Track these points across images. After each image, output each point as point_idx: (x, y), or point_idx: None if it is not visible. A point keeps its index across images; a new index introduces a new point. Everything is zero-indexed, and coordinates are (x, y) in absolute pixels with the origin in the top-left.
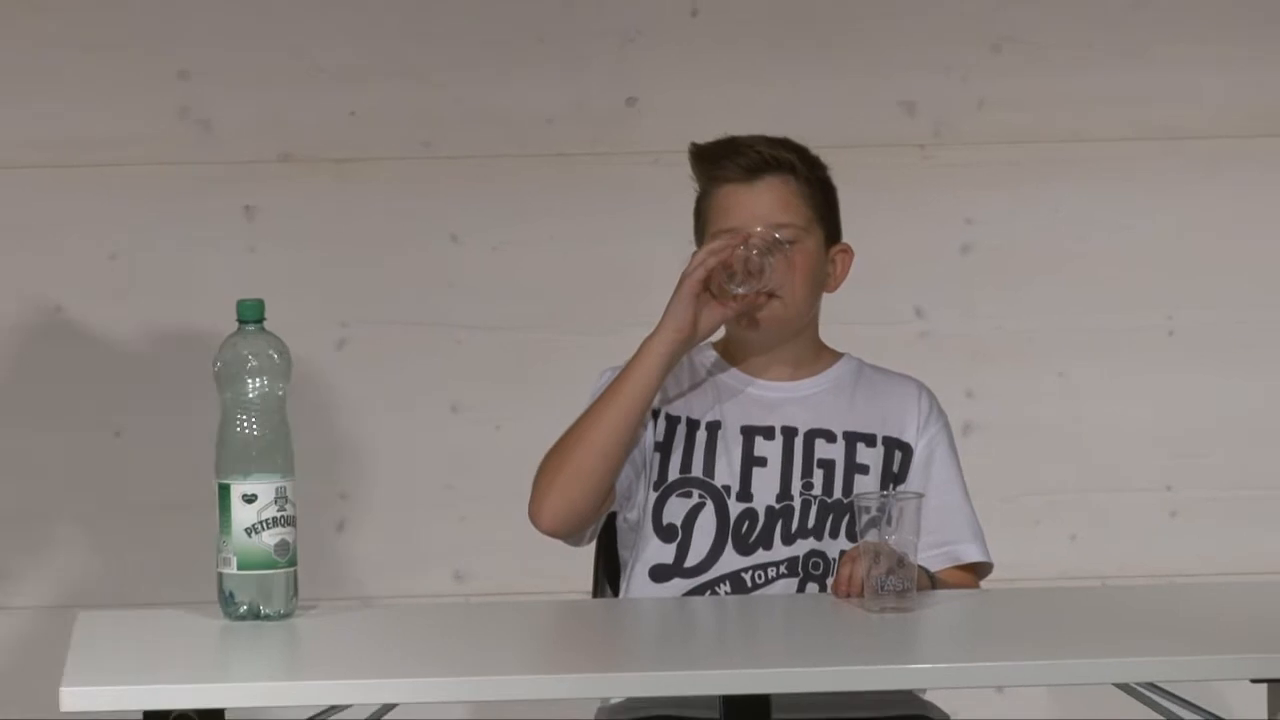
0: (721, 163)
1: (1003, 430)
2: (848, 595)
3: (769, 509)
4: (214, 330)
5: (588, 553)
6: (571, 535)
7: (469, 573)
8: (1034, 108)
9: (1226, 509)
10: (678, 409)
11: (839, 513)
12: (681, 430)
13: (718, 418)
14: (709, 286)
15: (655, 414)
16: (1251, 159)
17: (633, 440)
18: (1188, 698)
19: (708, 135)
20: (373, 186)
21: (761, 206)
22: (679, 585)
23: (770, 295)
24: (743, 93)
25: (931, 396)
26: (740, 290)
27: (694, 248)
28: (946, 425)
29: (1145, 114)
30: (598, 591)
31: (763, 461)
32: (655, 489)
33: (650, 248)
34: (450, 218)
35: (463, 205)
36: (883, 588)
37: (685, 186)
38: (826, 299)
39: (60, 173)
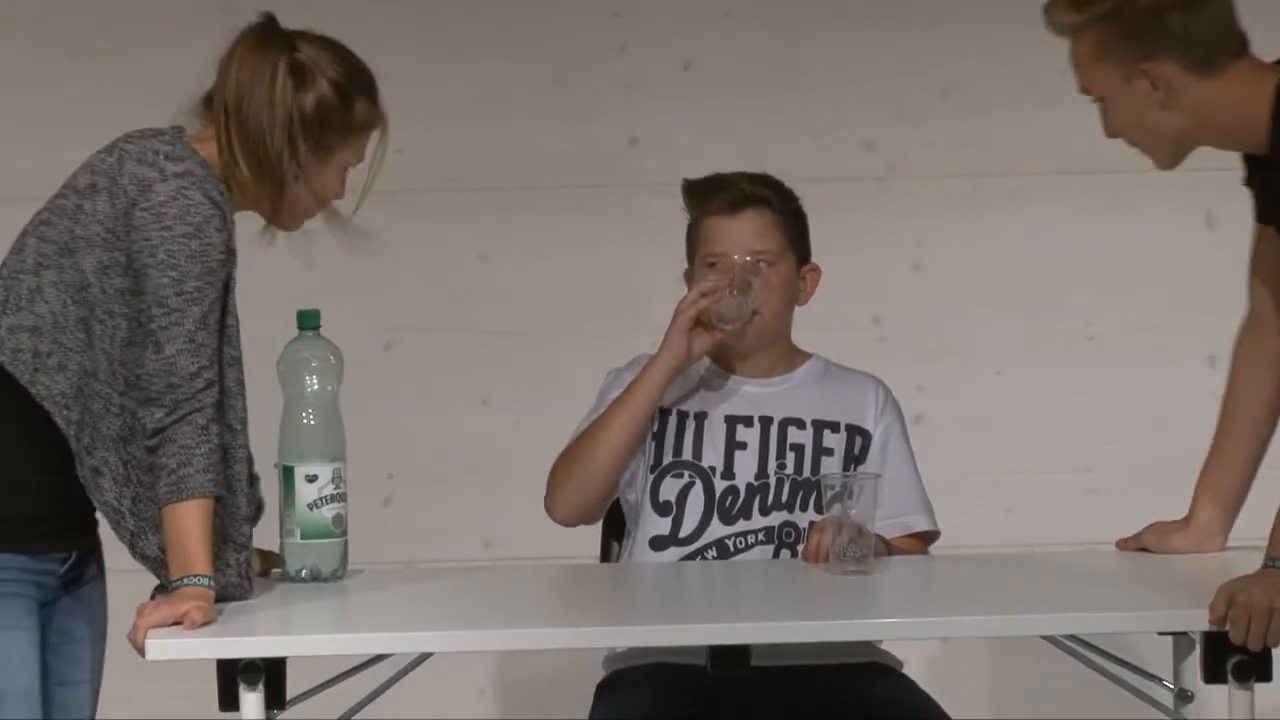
0: (709, 197)
1: (948, 420)
2: (816, 560)
3: (749, 486)
4: (278, 335)
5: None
6: (582, 523)
7: (496, 541)
8: (975, 147)
9: (1137, 488)
10: (670, 404)
11: (808, 489)
12: (674, 421)
13: (704, 409)
14: (699, 319)
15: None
16: (1159, 191)
17: (638, 445)
18: (1105, 648)
19: (698, 171)
20: (415, 214)
21: (743, 235)
22: (674, 553)
23: (753, 313)
24: (728, 134)
25: (887, 391)
26: (728, 328)
27: (685, 265)
28: (900, 415)
29: (1070, 152)
30: (605, 557)
31: (743, 445)
32: (652, 471)
33: (648, 266)
34: (479, 240)
35: (490, 230)
36: (845, 554)
37: (678, 214)
38: (798, 309)
39: None
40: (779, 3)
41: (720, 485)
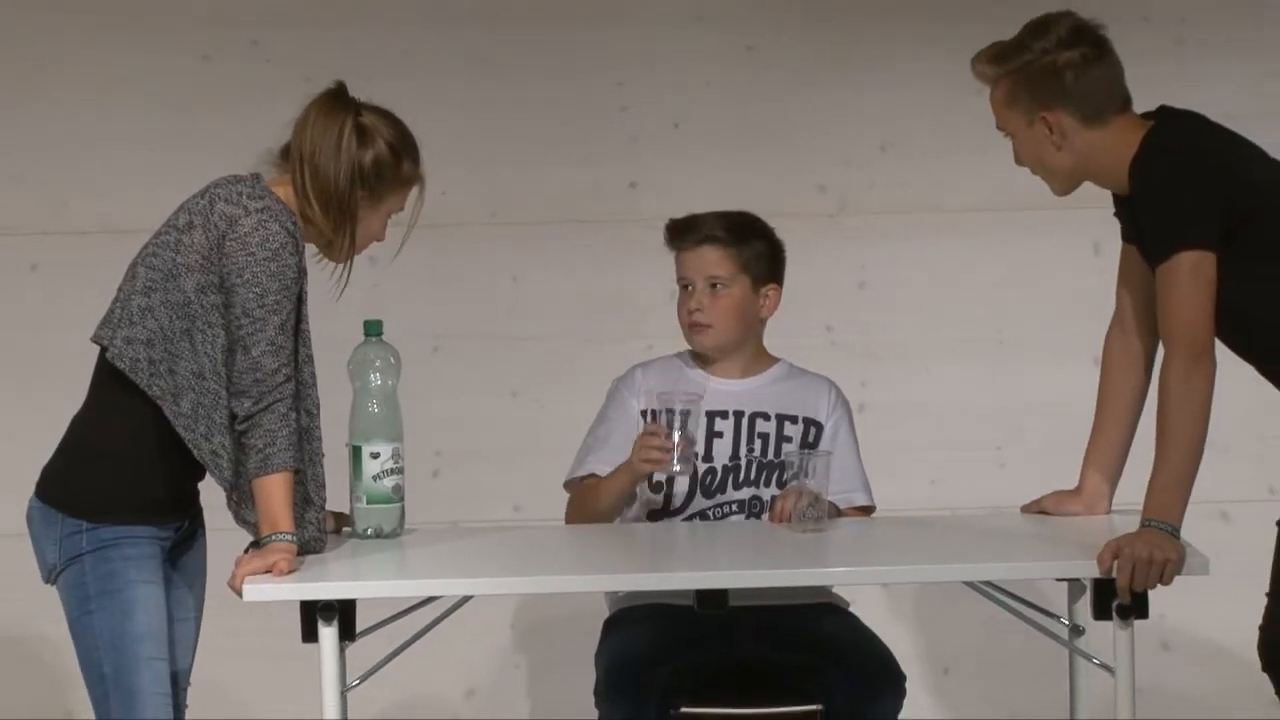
0: (678, 237)
1: (886, 409)
2: (780, 522)
3: (724, 466)
4: (349, 340)
5: None
6: None
7: (523, 505)
8: (908, 188)
9: (1037, 462)
10: (657, 404)
11: (772, 469)
12: (656, 419)
13: (687, 407)
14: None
15: (644, 414)
16: (1056, 225)
17: (624, 504)
18: (1013, 592)
19: (686, 209)
20: (458, 243)
21: (702, 264)
22: (667, 524)
23: (704, 327)
24: (709, 178)
25: (839, 391)
26: (676, 470)
27: (674, 285)
28: (848, 411)
29: (985, 194)
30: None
31: (720, 434)
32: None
33: (645, 286)
34: (510, 264)
35: (518, 256)
36: (804, 516)
37: None
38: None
39: None
40: (749, 74)
41: (702, 467)
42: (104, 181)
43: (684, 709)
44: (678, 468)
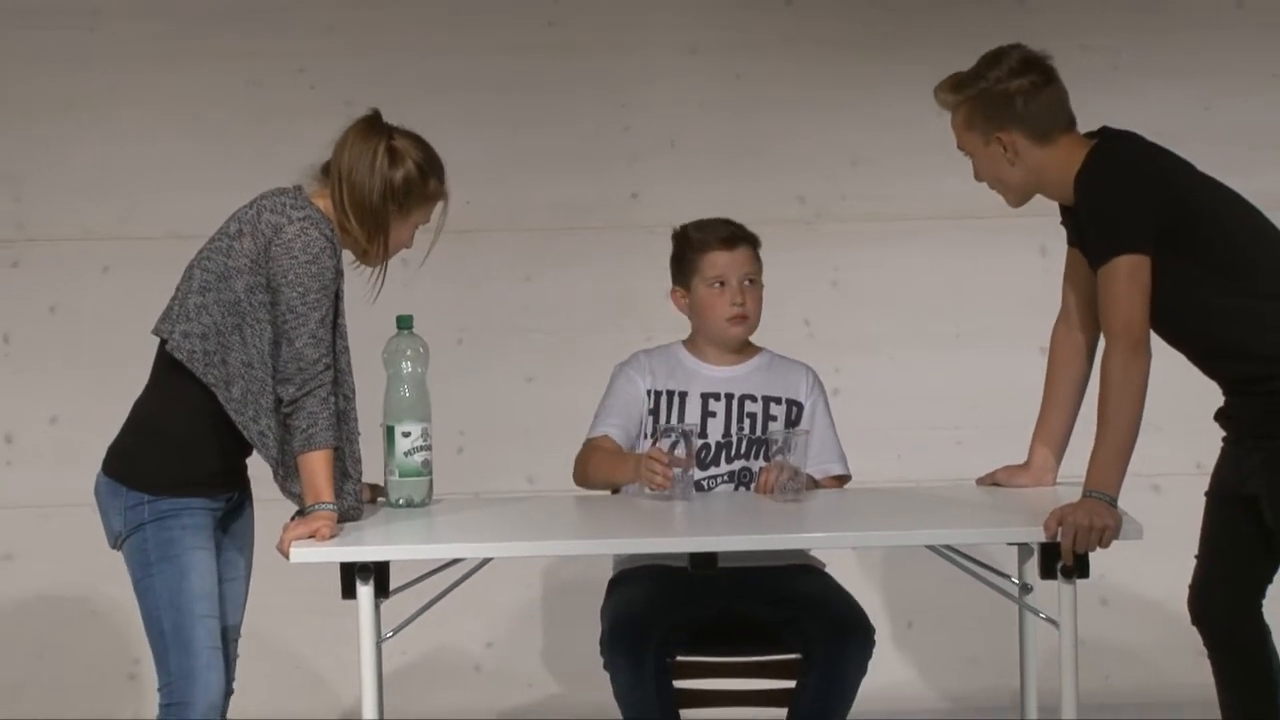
0: (718, 239)
1: (858, 393)
2: (764, 493)
3: (718, 443)
4: (383, 332)
5: None
6: None
7: (537, 478)
8: (876, 200)
9: (991, 440)
10: (661, 386)
11: (759, 445)
12: (664, 398)
13: (685, 389)
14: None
15: (649, 391)
16: (1008, 230)
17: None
18: (969, 554)
19: (682, 218)
20: (480, 246)
21: (739, 262)
22: (664, 494)
23: (744, 318)
24: (702, 190)
25: (816, 375)
26: (669, 495)
27: (669, 282)
28: (824, 392)
29: (945, 204)
30: (615, 491)
31: (714, 414)
32: (650, 436)
33: (645, 284)
34: (525, 266)
35: (532, 258)
36: (785, 488)
37: (666, 248)
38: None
39: None
40: (737, 99)
41: (697, 443)
42: (168, 193)
43: (679, 658)
44: (672, 491)
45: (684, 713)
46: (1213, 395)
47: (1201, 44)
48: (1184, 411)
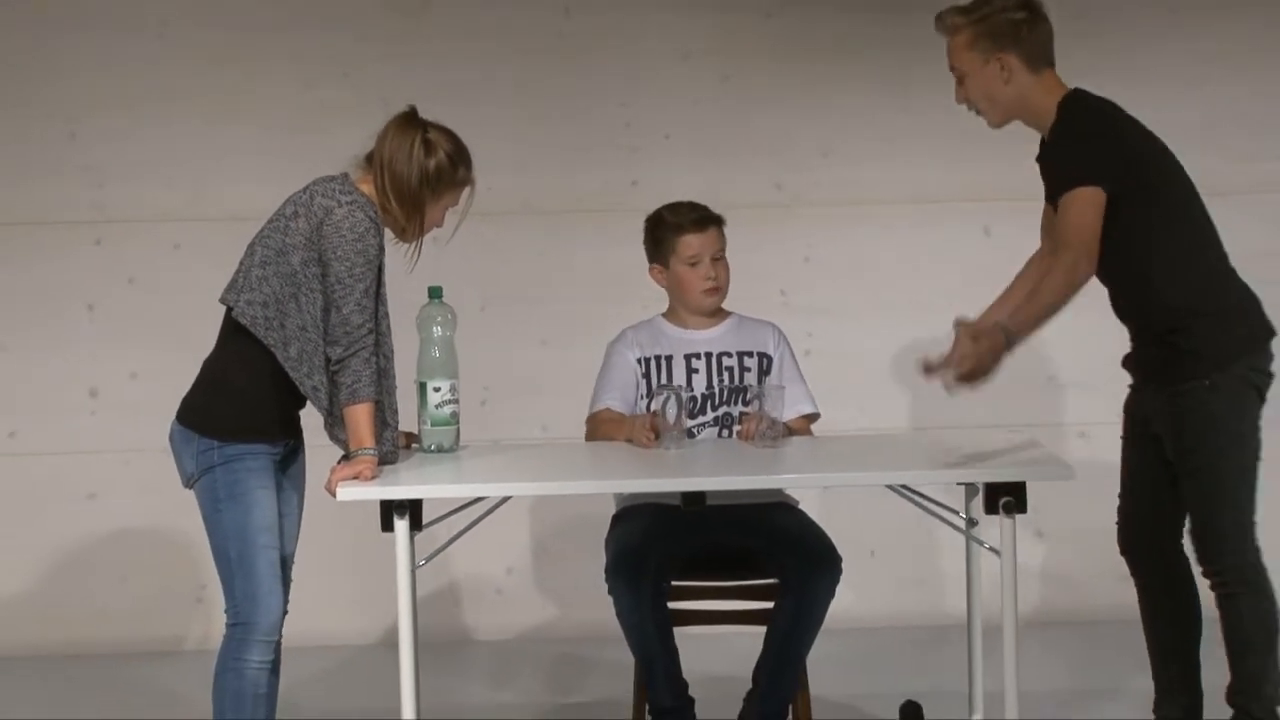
0: (682, 218)
1: (827, 353)
2: (745, 439)
3: (702, 394)
4: (417, 301)
5: None
6: None
7: (550, 427)
8: (845, 186)
9: (941, 395)
10: (648, 353)
11: (736, 392)
12: (653, 363)
13: (671, 352)
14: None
15: (638, 360)
16: (958, 212)
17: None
18: (924, 493)
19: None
20: (501, 227)
21: (709, 241)
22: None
23: (718, 289)
24: (693, 178)
25: (780, 330)
26: (672, 447)
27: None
28: (788, 344)
29: (904, 190)
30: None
31: (697, 371)
32: (645, 396)
33: (641, 260)
34: (539, 242)
35: (545, 236)
36: (764, 435)
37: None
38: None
39: None
40: (725, 98)
41: (685, 395)
42: (229, 179)
43: (674, 583)
44: (669, 446)
45: (677, 630)
46: None
47: (1131, 52)
48: (1109, 373)
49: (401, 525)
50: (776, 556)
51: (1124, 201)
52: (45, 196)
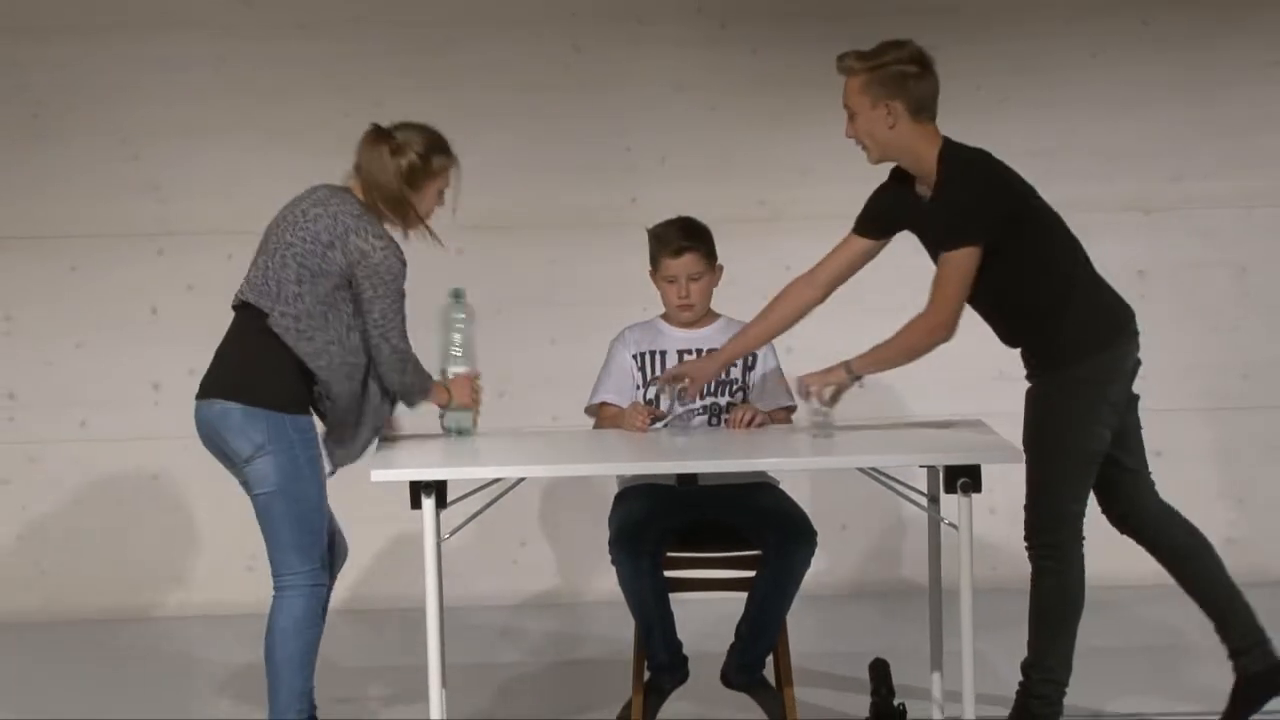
0: (662, 245)
1: (804, 351)
2: (735, 428)
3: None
4: (437, 302)
5: None
6: None
7: (559, 416)
8: (820, 203)
9: (903, 386)
10: (645, 348)
11: (723, 384)
12: (649, 357)
13: (665, 349)
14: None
15: (634, 355)
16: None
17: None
18: (890, 474)
19: (670, 218)
20: (516, 239)
21: (684, 266)
22: (654, 429)
23: (689, 306)
24: (686, 197)
25: None
26: (657, 427)
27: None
28: (772, 345)
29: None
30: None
31: None
32: (641, 386)
33: (640, 270)
34: (550, 252)
35: (555, 248)
36: (820, 426)
37: None
38: (717, 288)
39: None
40: (714, 125)
41: (675, 387)
42: (277, 197)
43: (669, 554)
44: (658, 426)
45: (671, 596)
46: None
47: (1066, 83)
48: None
49: (429, 504)
50: (760, 531)
51: (1012, 248)
52: (114, 212)
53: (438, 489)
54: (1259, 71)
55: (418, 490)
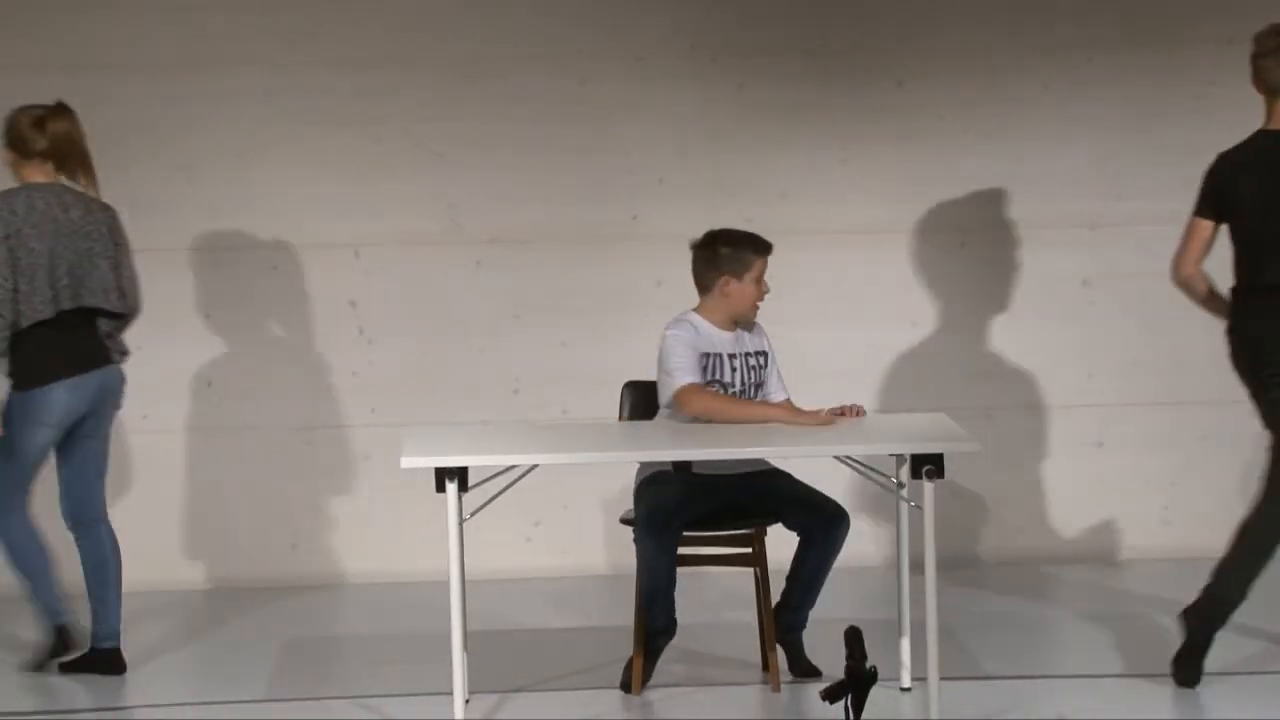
0: (758, 246)
1: (785, 352)
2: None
3: (733, 387)
4: (464, 305)
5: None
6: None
7: (571, 410)
8: (799, 221)
9: (875, 383)
10: (705, 349)
11: (756, 388)
12: (710, 358)
13: (719, 351)
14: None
15: (701, 353)
16: (890, 245)
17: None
18: (864, 462)
19: (670, 235)
20: (533, 254)
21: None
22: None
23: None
24: (681, 215)
25: (767, 335)
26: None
27: (657, 281)
28: (770, 345)
29: (842, 225)
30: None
31: (736, 369)
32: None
33: (642, 280)
34: (561, 265)
35: (564, 260)
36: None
37: (659, 255)
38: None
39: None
40: (706, 150)
41: (727, 389)
42: (315, 217)
43: (687, 533)
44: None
45: (679, 570)
46: (1026, 353)
47: (1020, 114)
48: (1010, 366)
49: (452, 488)
50: (797, 516)
51: None
52: (169, 227)
53: (460, 474)
54: (1190, 103)
55: (442, 476)
